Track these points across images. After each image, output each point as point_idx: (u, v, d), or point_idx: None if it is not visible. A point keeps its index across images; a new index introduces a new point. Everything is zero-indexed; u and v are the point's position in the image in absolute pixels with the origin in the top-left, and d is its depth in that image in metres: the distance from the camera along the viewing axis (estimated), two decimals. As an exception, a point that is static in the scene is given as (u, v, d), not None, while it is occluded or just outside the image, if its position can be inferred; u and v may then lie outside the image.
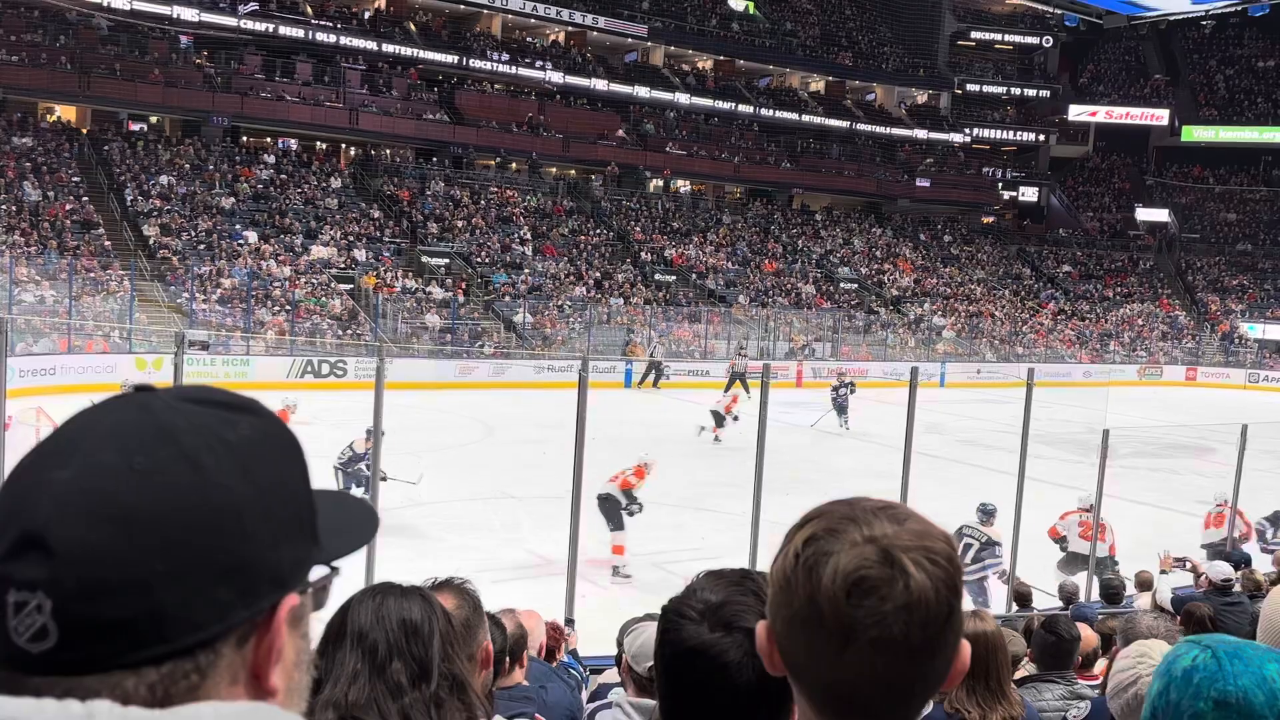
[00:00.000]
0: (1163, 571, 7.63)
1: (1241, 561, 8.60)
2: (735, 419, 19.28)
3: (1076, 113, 54.97)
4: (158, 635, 0.65)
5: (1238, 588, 6.57)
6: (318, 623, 0.80)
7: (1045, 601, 8.96)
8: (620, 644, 5.67)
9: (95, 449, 0.68)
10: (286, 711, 0.70)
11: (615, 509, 11.58)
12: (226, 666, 0.69)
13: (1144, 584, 8.33)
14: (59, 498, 0.66)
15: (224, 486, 0.68)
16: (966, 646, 0.93)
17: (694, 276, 37.54)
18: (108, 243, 28.36)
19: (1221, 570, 6.43)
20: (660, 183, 43.61)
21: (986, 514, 10.77)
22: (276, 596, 0.71)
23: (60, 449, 0.69)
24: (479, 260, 33.79)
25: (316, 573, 0.76)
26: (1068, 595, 8.93)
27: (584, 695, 4.45)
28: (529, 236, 36.04)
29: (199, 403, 0.73)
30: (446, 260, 33.16)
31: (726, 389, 24.15)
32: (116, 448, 0.68)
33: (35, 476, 0.68)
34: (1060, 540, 12.10)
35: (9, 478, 0.70)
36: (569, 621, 7.41)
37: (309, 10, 38.24)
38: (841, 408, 22.23)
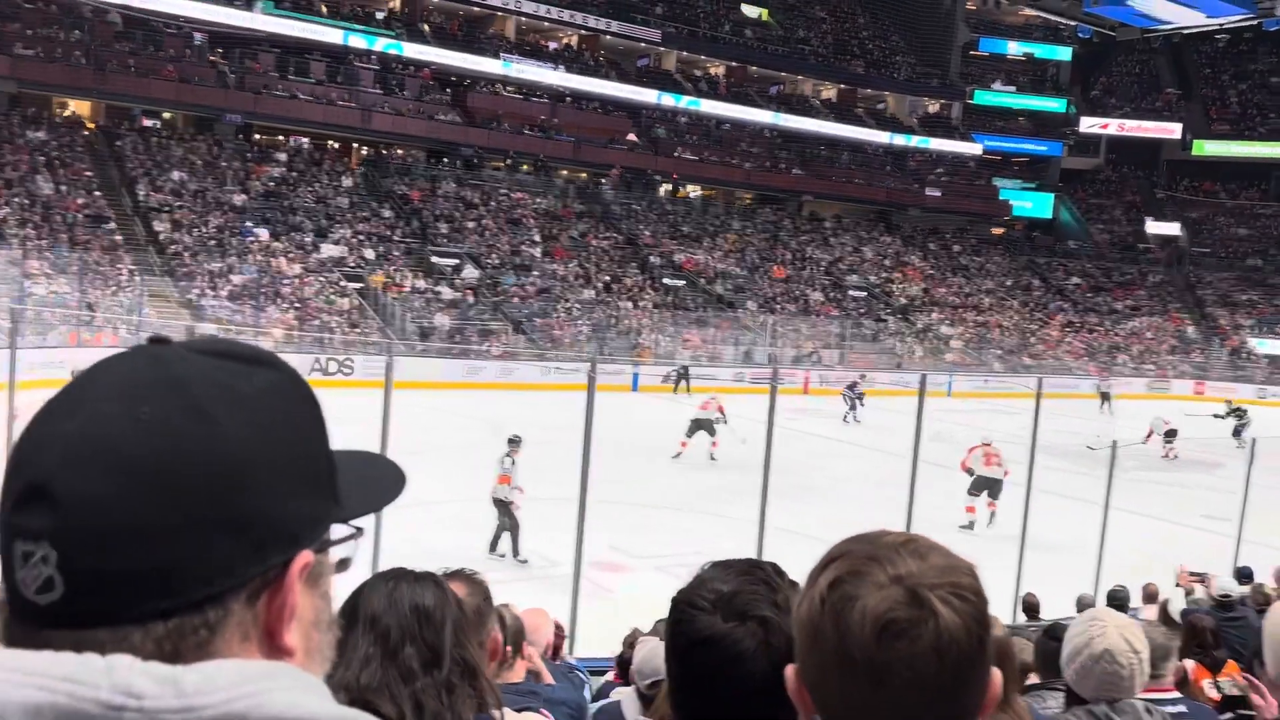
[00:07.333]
0: (1178, 585, 7.57)
1: (1246, 576, 8.55)
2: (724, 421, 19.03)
3: (1088, 125, 54.88)
4: (164, 588, 0.64)
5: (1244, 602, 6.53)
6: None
7: (1054, 612, 8.93)
8: (624, 650, 5.65)
9: (102, 400, 0.67)
10: (306, 673, 0.68)
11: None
12: (237, 624, 0.67)
13: (1150, 596, 8.30)
14: (64, 449, 0.65)
15: (233, 438, 0.66)
16: (998, 675, 0.91)
17: (702, 281, 37.54)
18: (119, 237, 28.46)
19: (1223, 585, 6.41)
20: (670, 187, 43.63)
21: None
22: (289, 553, 0.69)
23: (69, 401, 0.68)
24: (488, 262, 33.84)
25: (338, 532, 0.75)
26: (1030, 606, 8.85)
27: (587, 694, 4.45)
28: (538, 239, 36.09)
29: (214, 354, 0.71)
30: (456, 261, 33.21)
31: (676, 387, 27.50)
32: (124, 398, 0.67)
33: (43, 429, 0.67)
34: (969, 471, 15.00)
35: (22, 434, 0.69)
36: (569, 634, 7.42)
37: (324, 10, 38.35)
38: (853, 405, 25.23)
